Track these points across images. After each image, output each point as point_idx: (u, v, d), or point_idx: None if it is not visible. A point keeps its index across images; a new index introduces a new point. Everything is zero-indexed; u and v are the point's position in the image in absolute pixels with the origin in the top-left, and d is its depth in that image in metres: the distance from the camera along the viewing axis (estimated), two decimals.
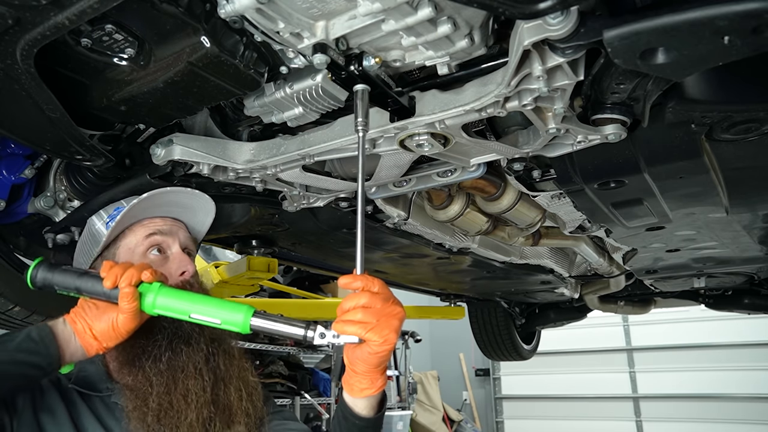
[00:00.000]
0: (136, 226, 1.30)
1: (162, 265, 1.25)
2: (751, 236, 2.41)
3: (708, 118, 1.35)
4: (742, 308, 4.10)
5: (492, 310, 4.70)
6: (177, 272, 1.26)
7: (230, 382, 1.24)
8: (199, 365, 1.20)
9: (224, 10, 0.97)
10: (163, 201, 1.31)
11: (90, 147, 1.38)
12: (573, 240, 2.60)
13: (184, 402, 1.16)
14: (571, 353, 9.26)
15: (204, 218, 1.41)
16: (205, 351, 1.22)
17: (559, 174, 1.71)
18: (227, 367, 1.25)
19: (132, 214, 1.28)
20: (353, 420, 1.10)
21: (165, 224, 1.31)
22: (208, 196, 1.37)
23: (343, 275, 1.04)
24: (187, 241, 1.34)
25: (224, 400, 1.22)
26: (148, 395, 1.15)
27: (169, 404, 1.15)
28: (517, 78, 1.11)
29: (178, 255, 1.29)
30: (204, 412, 1.17)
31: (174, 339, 1.20)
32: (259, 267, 2.76)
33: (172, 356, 1.18)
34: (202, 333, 1.22)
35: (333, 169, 1.71)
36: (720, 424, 7.91)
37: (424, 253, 2.62)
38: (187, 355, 1.19)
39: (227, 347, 1.28)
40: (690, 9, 0.90)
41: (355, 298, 1.01)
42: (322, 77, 1.19)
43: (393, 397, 7.39)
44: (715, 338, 8.22)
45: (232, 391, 1.23)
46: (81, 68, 1.20)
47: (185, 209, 1.37)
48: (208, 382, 1.20)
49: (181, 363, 1.18)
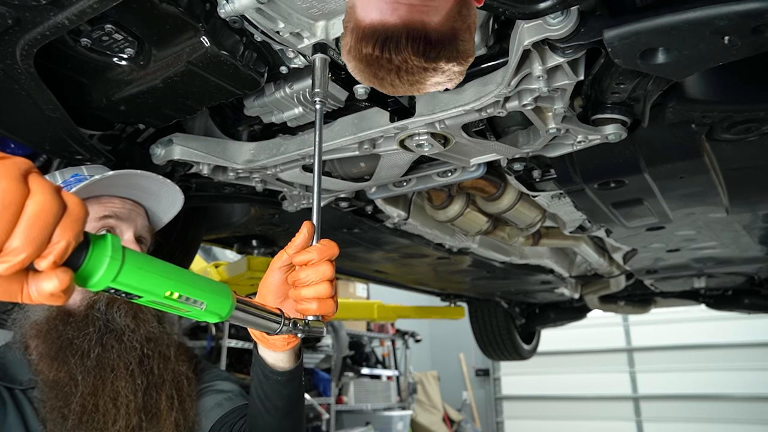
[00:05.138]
0: (91, 201, 1.15)
1: None
2: (751, 236, 2.41)
3: (708, 118, 1.35)
4: (742, 308, 4.10)
5: (492, 310, 4.70)
6: None
7: (162, 389, 1.12)
8: (131, 366, 1.07)
9: (224, 9, 0.97)
10: (128, 182, 1.18)
11: (90, 147, 1.38)
12: (573, 240, 2.59)
13: (112, 405, 1.04)
14: (571, 353, 9.27)
15: (168, 208, 1.29)
16: (139, 351, 1.09)
17: (559, 174, 1.71)
18: (161, 371, 1.13)
19: (90, 189, 1.14)
20: (275, 377, 1.00)
21: (123, 207, 1.17)
22: (178, 188, 1.24)
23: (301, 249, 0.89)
24: (143, 229, 1.20)
25: (154, 408, 1.09)
26: (70, 395, 1.02)
27: (95, 407, 1.03)
28: (517, 78, 1.11)
29: (129, 244, 1.15)
30: (134, 419, 1.05)
31: (106, 333, 1.06)
32: (259, 267, 2.76)
33: (102, 352, 1.05)
34: (137, 330, 1.10)
35: (333, 169, 1.71)
36: (720, 424, 7.91)
37: (424, 253, 2.62)
38: (118, 353, 1.06)
39: (163, 349, 1.15)
40: (690, 9, 0.90)
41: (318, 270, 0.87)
42: None
43: (393, 397, 7.39)
44: (715, 338, 8.22)
45: (164, 399, 1.11)
46: (81, 68, 1.20)
47: (150, 195, 1.24)
48: (140, 386, 1.07)
49: (112, 361, 1.05)
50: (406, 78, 0.80)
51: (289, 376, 1.00)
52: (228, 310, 0.72)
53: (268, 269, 0.94)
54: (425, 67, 0.79)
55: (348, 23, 0.83)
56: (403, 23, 0.77)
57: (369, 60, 0.80)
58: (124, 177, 1.16)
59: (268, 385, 1.01)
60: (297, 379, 1.03)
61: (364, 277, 3.52)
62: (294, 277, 0.88)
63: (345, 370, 6.52)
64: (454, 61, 0.80)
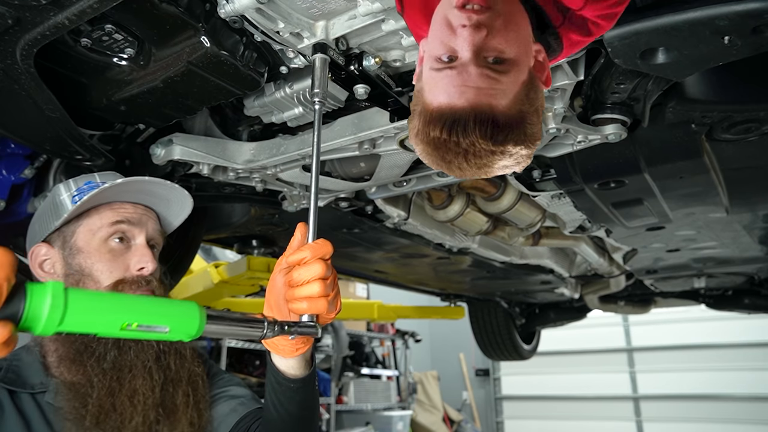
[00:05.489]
0: (103, 207, 1.18)
1: (121, 255, 1.16)
2: (751, 236, 2.41)
3: (708, 118, 1.35)
4: (742, 308, 4.10)
5: (492, 310, 4.70)
6: (136, 266, 1.16)
7: (179, 386, 1.14)
8: (148, 363, 1.10)
9: (224, 10, 0.97)
10: (138, 188, 1.21)
11: (90, 147, 1.38)
12: (573, 240, 2.59)
13: (129, 404, 1.07)
14: (571, 353, 9.26)
15: (179, 211, 1.31)
16: (155, 348, 1.13)
17: (559, 174, 1.71)
18: (178, 367, 1.15)
19: (102, 196, 1.17)
20: (287, 384, 1.01)
21: (135, 212, 1.20)
22: (187, 192, 1.26)
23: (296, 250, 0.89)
24: (154, 233, 1.23)
25: (170, 404, 1.12)
26: (87, 396, 1.05)
27: (112, 406, 1.05)
28: None
29: (141, 248, 1.18)
30: (151, 415, 1.08)
31: None
32: (259, 267, 2.75)
33: (118, 355, 1.08)
34: None
35: (333, 169, 1.71)
36: (720, 424, 7.90)
37: (424, 253, 2.62)
38: (135, 352, 1.10)
39: (179, 346, 1.18)
40: (690, 9, 0.90)
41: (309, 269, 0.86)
42: None
43: (393, 397, 7.39)
44: (715, 338, 8.21)
45: (180, 395, 1.14)
46: (81, 68, 1.20)
47: (160, 199, 1.26)
48: (157, 382, 1.10)
49: (129, 361, 1.09)
50: (473, 161, 0.81)
51: (300, 383, 1.02)
52: (197, 329, 0.73)
53: (272, 274, 0.95)
54: (493, 150, 0.79)
55: (416, 106, 0.84)
56: (471, 106, 0.77)
57: (437, 143, 0.80)
58: (135, 183, 1.18)
59: (281, 391, 1.02)
60: (309, 385, 1.04)
61: (364, 277, 3.52)
62: (288, 278, 0.88)
63: (345, 370, 6.51)
64: (522, 144, 0.81)
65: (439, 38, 0.80)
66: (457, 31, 0.78)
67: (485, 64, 0.78)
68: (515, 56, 0.79)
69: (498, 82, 0.78)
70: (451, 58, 0.79)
